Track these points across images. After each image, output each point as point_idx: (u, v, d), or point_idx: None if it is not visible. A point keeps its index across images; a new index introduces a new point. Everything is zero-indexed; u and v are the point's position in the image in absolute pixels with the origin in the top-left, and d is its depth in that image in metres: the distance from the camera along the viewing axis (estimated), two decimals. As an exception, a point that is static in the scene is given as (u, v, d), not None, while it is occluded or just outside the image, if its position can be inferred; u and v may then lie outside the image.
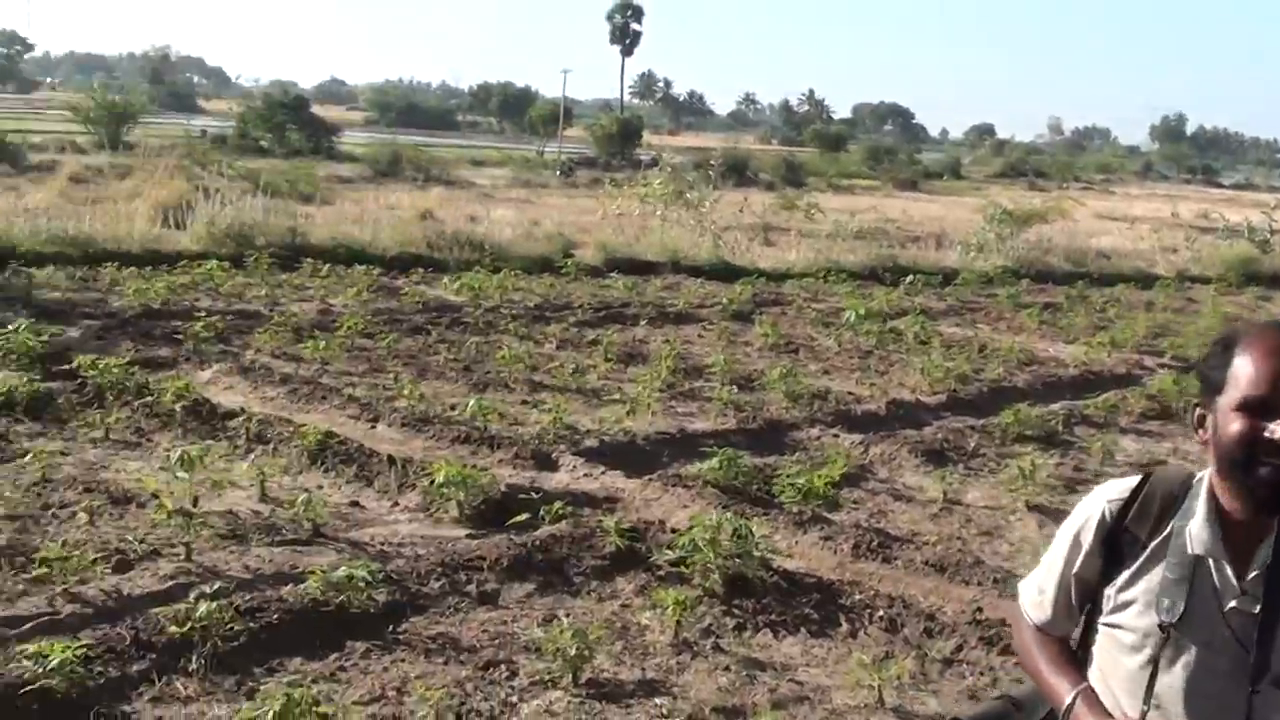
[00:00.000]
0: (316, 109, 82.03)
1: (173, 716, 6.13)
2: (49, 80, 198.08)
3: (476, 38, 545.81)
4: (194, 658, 6.54)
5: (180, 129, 62.71)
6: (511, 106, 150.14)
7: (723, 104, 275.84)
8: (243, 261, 21.09)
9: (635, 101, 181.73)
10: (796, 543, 9.09)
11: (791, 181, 65.28)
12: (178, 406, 11.37)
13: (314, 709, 5.62)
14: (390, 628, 7.27)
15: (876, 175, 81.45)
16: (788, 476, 10.23)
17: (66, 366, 12.65)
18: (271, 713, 5.54)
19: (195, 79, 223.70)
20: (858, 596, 8.12)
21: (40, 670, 6.02)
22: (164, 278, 18.80)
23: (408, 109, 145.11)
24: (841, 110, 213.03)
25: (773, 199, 42.48)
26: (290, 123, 67.54)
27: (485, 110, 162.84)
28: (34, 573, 7.55)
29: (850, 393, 14.54)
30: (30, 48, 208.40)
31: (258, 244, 22.62)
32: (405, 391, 12.59)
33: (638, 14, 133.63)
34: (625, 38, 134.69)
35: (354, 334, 15.55)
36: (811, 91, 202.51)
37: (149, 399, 11.65)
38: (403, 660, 6.92)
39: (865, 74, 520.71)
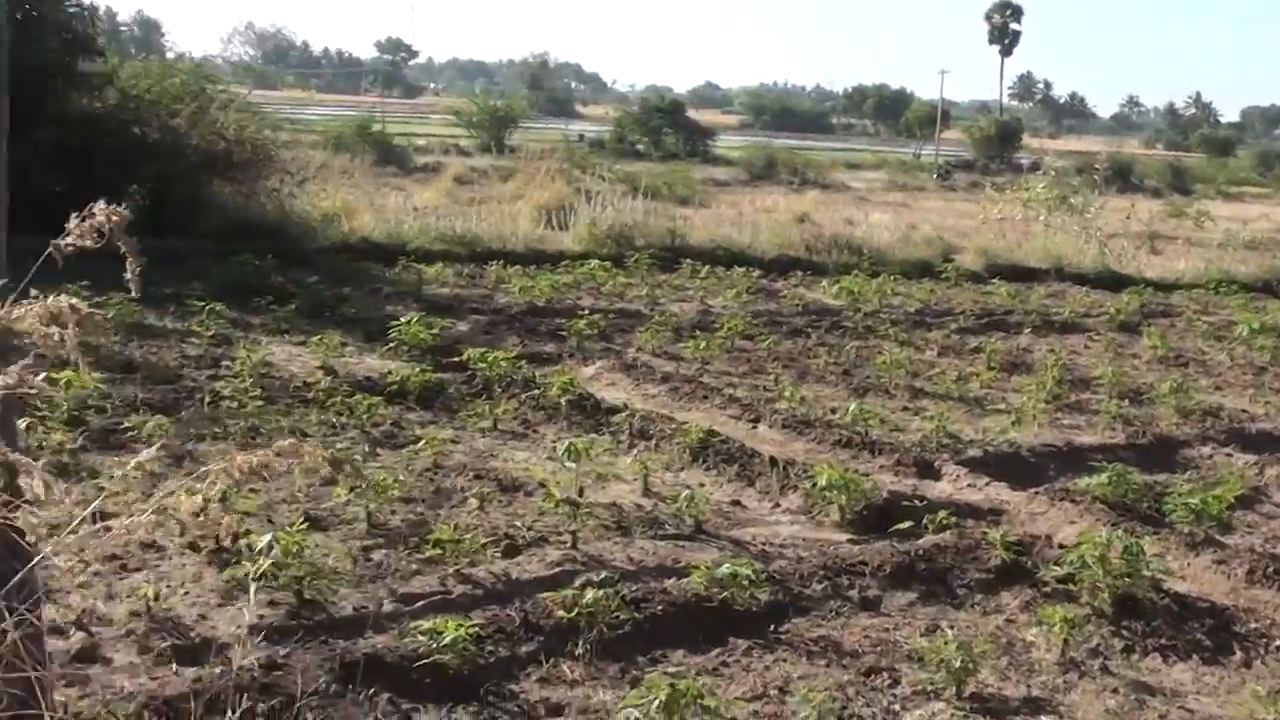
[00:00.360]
0: (691, 113, 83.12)
1: (559, 698, 6.24)
2: (432, 86, 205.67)
3: (851, 40, 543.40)
4: (580, 643, 6.64)
5: (558, 133, 64.27)
6: (886, 109, 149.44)
7: (1104, 107, 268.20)
8: (623, 262, 21.42)
9: (1013, 103, 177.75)
10: (1188, 565, 8.71)
11: (1178, 188, 63.22)
12: (563, 400, 11.64)
13: (698, 701, 5.62)
14: (772, 627, 7.26)
15: (1267, 182, 77.93)
16: (1179, 495, 9.81)
17: (456, 359, 13.12)
18: (658, 702, 5.55)
19: (573, 84, 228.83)
20: (1253, 625, 7.74)
21: (434, 646, 6.22)
22: (547, 276, 19.29)
23: (782, 112, 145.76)
24: (1230, 114, 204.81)
25: (1159, 206, 41.08)
26: (666, 127, 68.63)
27: (859, 113, 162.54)
28: (427, 553, 7.85)
29: (1244, 410, 13.91)
30: (414, 55, 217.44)
31: (637, 245, 23.02)
32: (786, 394, 12.56)
33: (1017, 13, 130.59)
34: (1004, 38, 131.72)
35: (734, 335, 15.63)
36: (1198, 94, 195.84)
37: (535, 392, 11.97)
38: (784, 660, 6.89)
39: (1255, 75, 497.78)
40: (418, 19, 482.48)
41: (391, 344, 13.61)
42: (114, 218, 3.62)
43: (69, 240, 3.67)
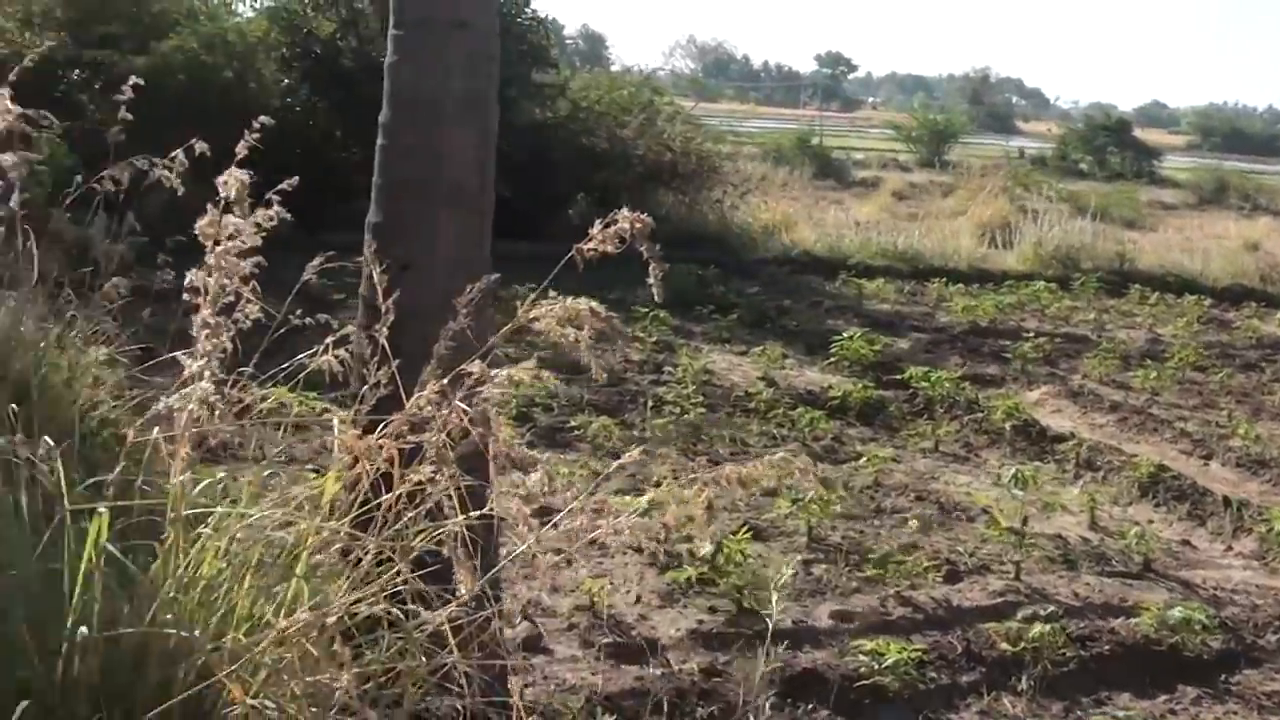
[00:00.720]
0: (1137, 132, 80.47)
1: (1000, 733, 6.11)
2: (870, 100, 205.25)
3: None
4: (1023, 678, 6.49)
5: (998, 149, 63.16)
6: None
7: None
8: (1068, 284, 20.88)
9: None
10: None
11: None
12: (1007, 425, 11.41)
13: (1149, 750, 5.43)
14: (1222, 677, 6.93)
15: None
16: None
17: (897, 376, 13.02)
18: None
19: (1013, 100, 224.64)
20: None
21: (876, 667, 6.19)
22: (990, 296, 18.93)
23: (1232, 133, 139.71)
24: None
25: None
26: (1111, 145, 66.62)
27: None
28: (868, 572, 7.80)
29: None
30: (853, 68, 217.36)
31: (1084, 267, 22.39)
32: (1239, 431, 12.01)
33: None
34: None
35: (1184, 366, 15.01)
36: None
37: (978, 415, 11.77)
38: (1234, 713, 6.59)
39: None
40: (856, 33, 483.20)
41: (832, 358, 13.66)
42: (637, 225, 3.72)
43: (591, 245, 3.80)
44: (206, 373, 3.53)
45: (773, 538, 8.39)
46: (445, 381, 3.72)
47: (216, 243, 3.88)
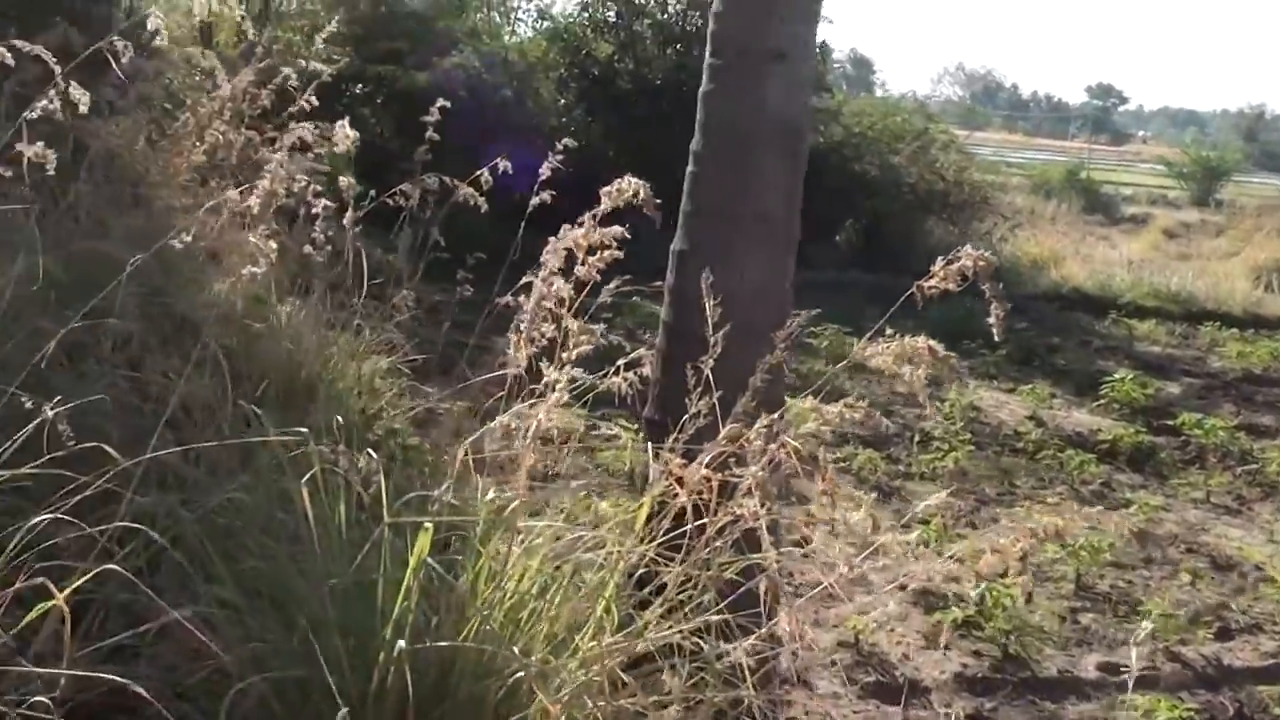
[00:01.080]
0: None
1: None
2: (1140, 134, 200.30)
3: None
4: (1307, 747, 6.37)
5: (1273, 189, 61.18)
6: None
7: None
8: (1340, 333, 20.05)
9: None
10: None
11: None
12: (1281, 479, 11.09)
13: None
14: None
15: None
16: None
17: (1168, 422, 12.70)
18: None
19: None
20: None
21: (1149, 727, 6.12)
22: (1265, 343, 18.28)
23: None
24: None
25: None
26: None
27: None
28: (1136, 624, 7.64)
29: None
30: (1124, 100, 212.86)
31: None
32: None
33: None
34: None
35: None
36: None
37: (1251, 466, 11.45)
38: None
39: None
40: (1129, 65, 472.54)
41: (1102, 400, 13.39)
42: (980, 264, 3.79)
43: (932, 282, 3.88)
44: (560, 383, 3.66)
45: (1039, 583, 8.29)
46: (776, 415, 3.82)
47: (591, 251, 4.02)
